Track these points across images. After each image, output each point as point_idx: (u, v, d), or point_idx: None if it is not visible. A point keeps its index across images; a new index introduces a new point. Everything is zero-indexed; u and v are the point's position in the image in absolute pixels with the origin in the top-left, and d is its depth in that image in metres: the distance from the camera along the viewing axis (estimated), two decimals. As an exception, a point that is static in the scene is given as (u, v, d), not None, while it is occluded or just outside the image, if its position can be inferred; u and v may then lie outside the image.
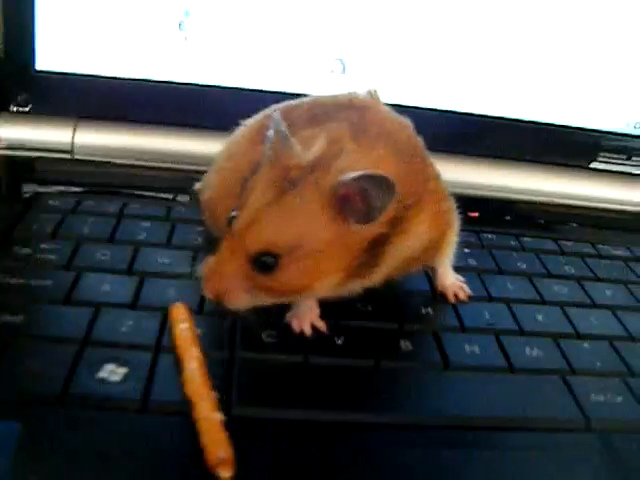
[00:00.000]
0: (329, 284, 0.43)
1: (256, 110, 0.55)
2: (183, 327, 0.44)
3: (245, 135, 0.53)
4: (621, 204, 0.76)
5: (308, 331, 0.47)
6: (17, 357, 0.42)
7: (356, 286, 0.46)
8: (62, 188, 0.65)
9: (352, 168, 0.39)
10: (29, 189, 0.65)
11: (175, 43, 0.68)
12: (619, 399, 0.46)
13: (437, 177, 0.49)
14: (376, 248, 0.43)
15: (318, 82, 0.70)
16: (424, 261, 0.51)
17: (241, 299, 0.42)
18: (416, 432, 0.41)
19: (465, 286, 0.54)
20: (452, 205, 0.51)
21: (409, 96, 0.71)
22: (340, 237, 0.41)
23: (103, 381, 0.40)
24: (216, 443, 0.36)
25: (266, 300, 0.43)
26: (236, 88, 0.70)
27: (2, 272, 0.49)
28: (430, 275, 0.55)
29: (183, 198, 0.66)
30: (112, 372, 0.41)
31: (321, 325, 0.48)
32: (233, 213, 0.42)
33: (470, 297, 0.54)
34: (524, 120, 0.74)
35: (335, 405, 0.42)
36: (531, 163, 0.76)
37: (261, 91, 0.70)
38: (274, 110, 0.51)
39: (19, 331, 0.44)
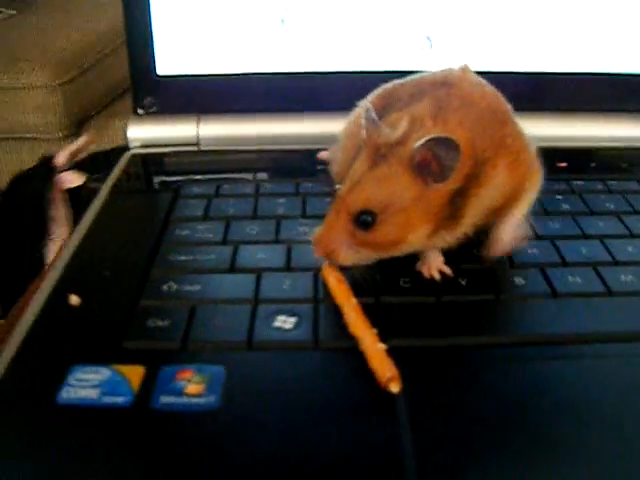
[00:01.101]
0: (421, 236, 0.50)
1: (356, 90, 0.62)
2: (336, 280, 0.52)
3: (358, 116, 0.61)
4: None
5: (437, 276, 0.55)
6: (204, 316, 0.51)
7: (448, 237, 0.52)
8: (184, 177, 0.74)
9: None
10: (157, 180, 0.75)
11: (279, 37, 0.77)
12: None
13: (517, 135, 0.54)
14: (457, 202, 0.50)
15: (409, 59, 0.78)
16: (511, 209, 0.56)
17: (347, 256, 0.50)
18: (534, 349, 0.49)
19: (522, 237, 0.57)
20: (533, 157, 0.56)
21: (494, 63, 0.78)
22: (422, 195, 0.48)
23: (279, 329, 0.50)
24: (384, 365, 0.45)
25: (369, 256, 0.51)
26: (335, 72, 0.78)
27: (172, 251, 0.59)
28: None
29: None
30: (284, 321, 0.50)
31: (447, 269, 0.55)
32: (338, 186, 0.51)
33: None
34: (600, 73, 0.81)
35: (466, 332, 0.50)
36: (610, 112, 0.83)
37: (360, 72, 0.78)
38: (384, 89, 0.59)
39: (200, 296, 0.53)
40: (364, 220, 0.48)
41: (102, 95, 1.78)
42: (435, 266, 0.55)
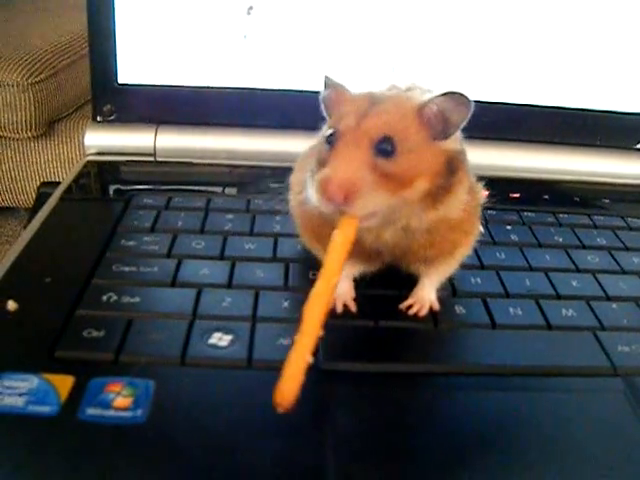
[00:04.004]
0: (422, 188, 0.46)
1: (315, 109, 0.62)
2: (344, 239, 0.45)
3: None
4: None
5: (340, 309, 0.54)
6: (141, 329, 0.51)
7: (425, 218, 0.49)
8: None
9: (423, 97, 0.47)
10: (110, 188, 0.75)
11: (240, 53, 0.77)
12: (642, 349, 0.53)
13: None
14: (448, 179, 0.47)
15: (371, 82, 0.78)
16: (440, 248, 0.53)
17: (366, 199, 0.43)
18: (469, 379, 0.49)
19: (435, 304, 0.55)
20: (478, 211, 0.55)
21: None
22: (427, 145, 0.46)
23: (213, 346, 0.49)
24: (290, 383, 0.41)
25: (384, 201, 0.45)
26: (295, 90, 0.78)
27: (116, 262, 0.58)
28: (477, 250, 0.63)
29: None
30: (220, 339, 0.50)
31: (352, 305, 0.54)
32: (329, 131, 0.46)
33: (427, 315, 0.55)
34: (574, 108, 0.82)
35: (402, 358, 0.50)
36: (565, 145, 0.84)
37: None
38: None
39: (138, 309, 0.53)
40: (385, 148, 0.44)
41: (74, 96, 1.77)
42: (342, 300, 0.55)
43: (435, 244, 0.52)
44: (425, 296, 0.55)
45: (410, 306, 0.55)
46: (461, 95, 0.45)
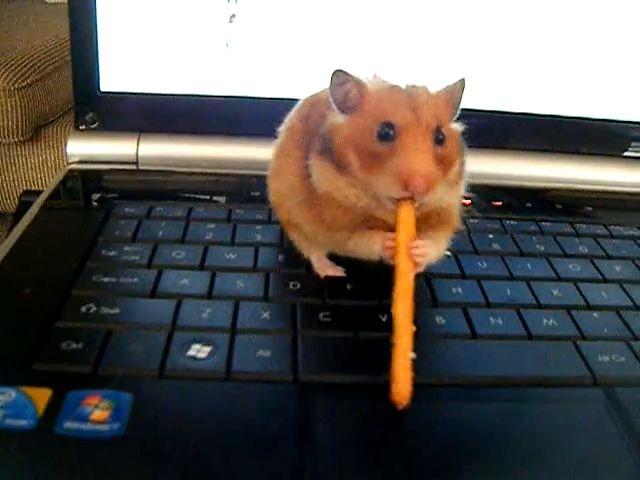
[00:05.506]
0: (457, 168, 0.51)
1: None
2: (404, 241, 0.49)
3: (296, 110, 0.61)
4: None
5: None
6: (120, 341, 0.50)
7: (446, 197, 0.52)
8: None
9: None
10: (92, 197, 0.74)
11: (223, 61, 0.77)
12: (622, 359, 0.53)
13: None
14: (464, 156, 0.53)
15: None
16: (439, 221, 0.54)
17: (438, 187, 0.48)
18: (449, 389, 0.49)
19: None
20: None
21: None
22: (452, 128, 0.52)
23: (192, 358, 0.49)
24: (403, 379, 0.46)
25: (441, 185, 0.48)
26: (278, 98, 0.78)
27: (96, 272, 0.58)
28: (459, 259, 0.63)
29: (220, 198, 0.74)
30: (199, 350, 0.50)
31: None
32: (379, 125, 0.48)
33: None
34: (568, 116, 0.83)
35: (382, 370, 0.49)
36: (549, 153, 0.84)
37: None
38: (306, 99, 0.61)
39: (117, 320, 0.53)
40: (439, 137, 0.48)
41: (61, 101, 1.76)
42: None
43: (439, 217, 0.54)
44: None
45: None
46: (464, 79, 0.52)
